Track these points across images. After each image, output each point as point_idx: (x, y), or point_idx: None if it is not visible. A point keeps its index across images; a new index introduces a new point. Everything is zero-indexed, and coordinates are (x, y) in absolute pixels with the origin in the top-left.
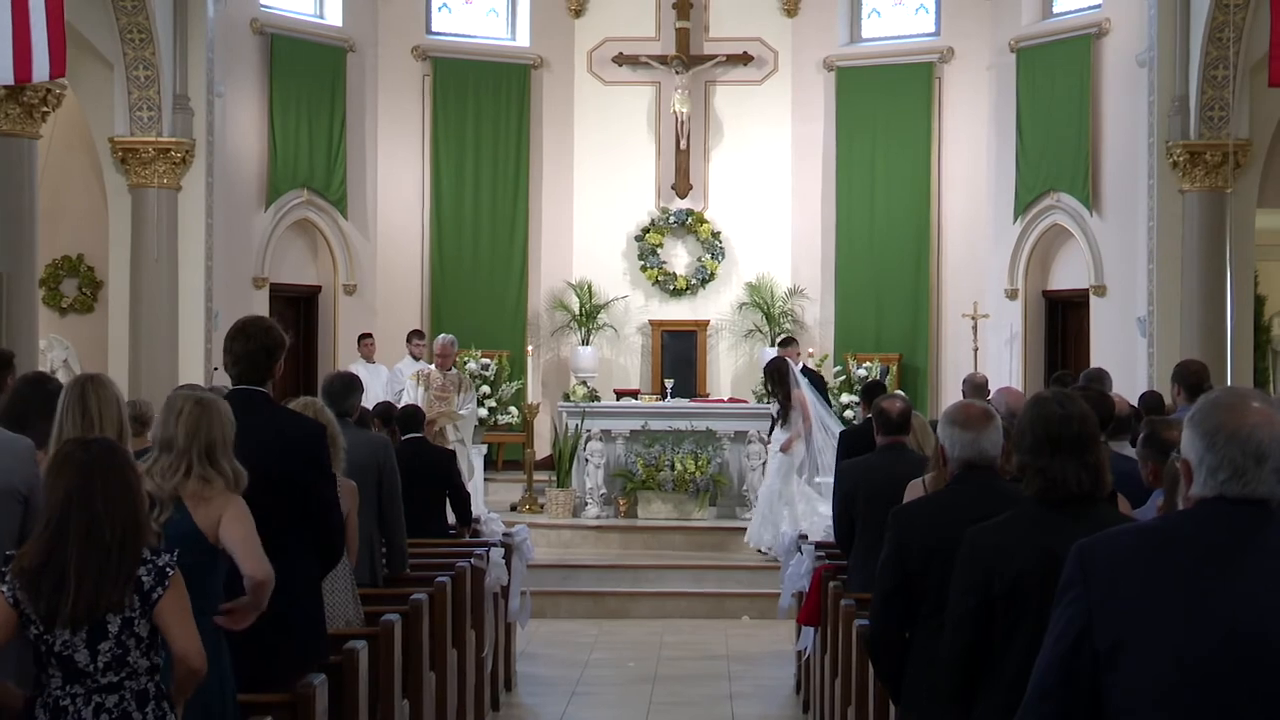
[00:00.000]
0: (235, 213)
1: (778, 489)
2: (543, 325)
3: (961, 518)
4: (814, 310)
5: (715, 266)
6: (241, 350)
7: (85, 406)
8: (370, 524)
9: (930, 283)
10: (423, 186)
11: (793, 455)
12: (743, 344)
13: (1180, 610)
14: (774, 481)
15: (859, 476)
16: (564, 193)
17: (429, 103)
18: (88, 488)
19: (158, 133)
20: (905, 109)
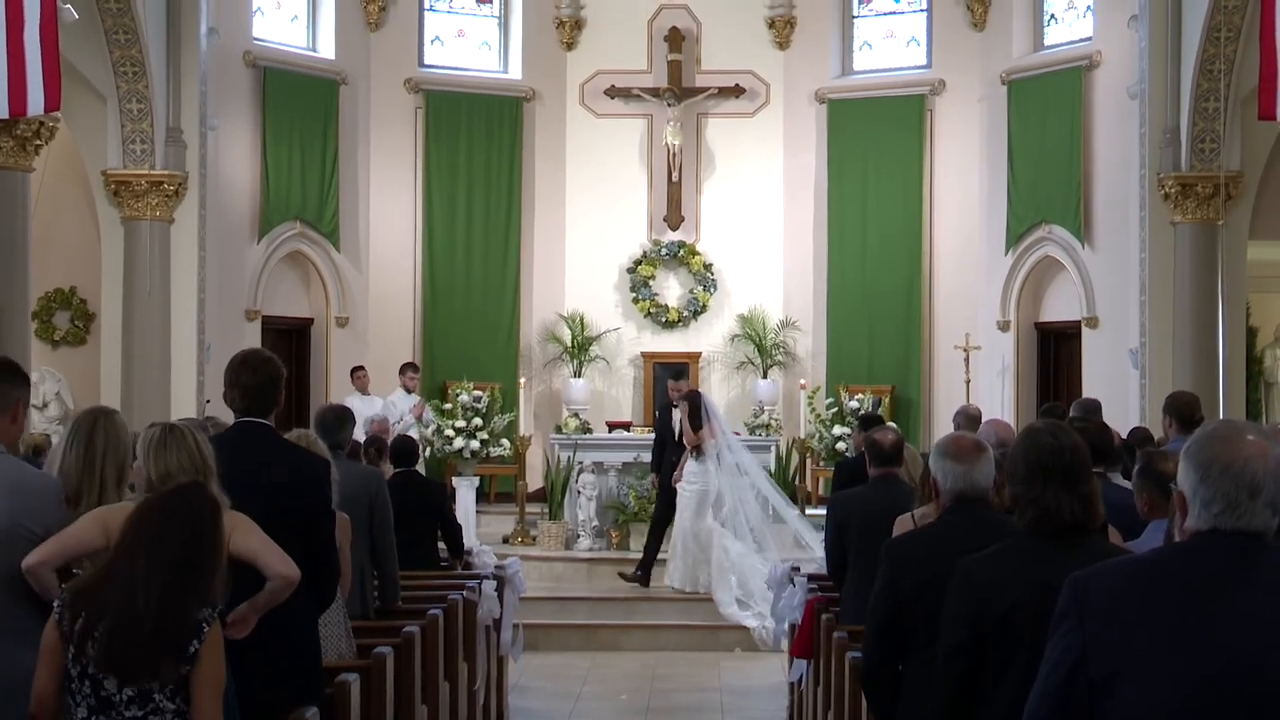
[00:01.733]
0: (227, 245)
1: (689, 527)
2: (535, 357)
3: (954, 549)
4: (806, 342)
5: (707, 298)
6: (251, 382)
7: (91, 441)
8: (362, 556)
9: (922, 314)
10: (415, 218)
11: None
12: (735, 376)
13: (1177, 642)
14: (685, 518)
15: (851, 508)
16: (556, 225)
17: (421, 135)
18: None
19: (150, 165)
20: (897, 141)
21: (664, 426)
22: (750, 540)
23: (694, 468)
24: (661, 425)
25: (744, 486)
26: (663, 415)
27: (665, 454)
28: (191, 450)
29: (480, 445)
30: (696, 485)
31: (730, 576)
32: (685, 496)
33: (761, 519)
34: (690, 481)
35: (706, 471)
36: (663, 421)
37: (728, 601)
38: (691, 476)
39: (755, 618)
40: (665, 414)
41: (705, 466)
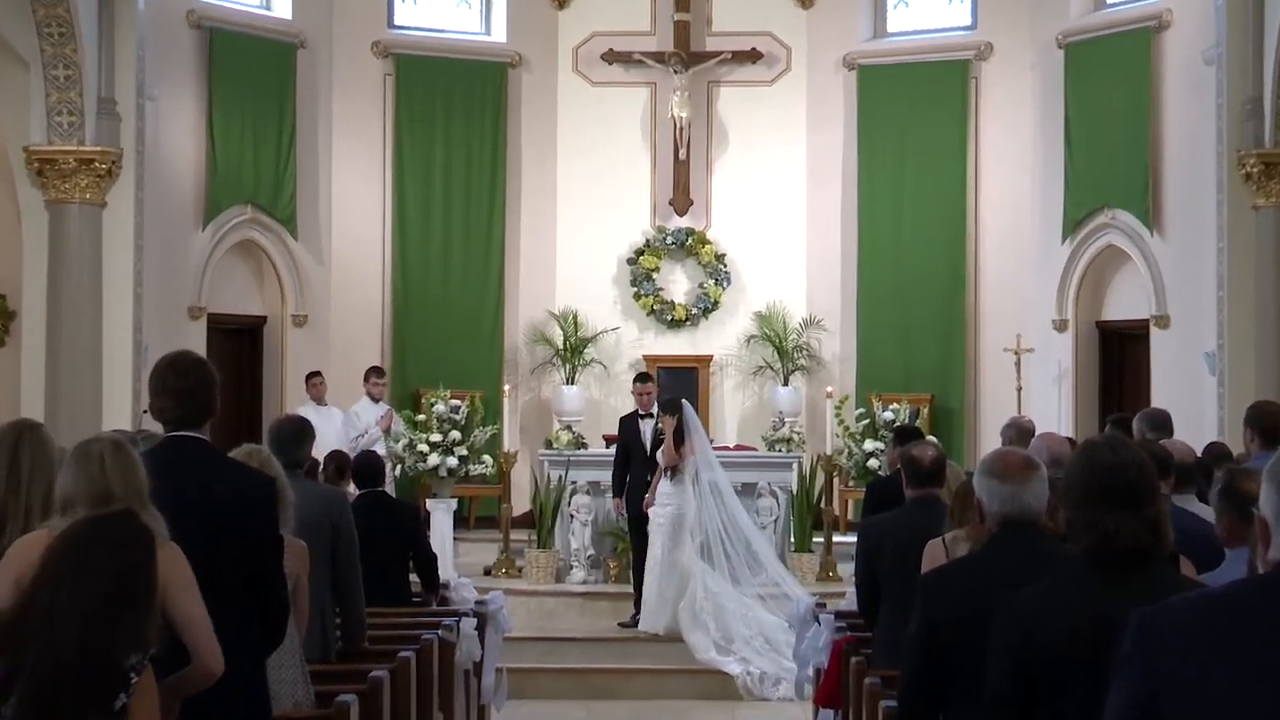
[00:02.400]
0: (169, 233)
1: (662, 557)
2: (521, 362)
3: (1000, 582)
4: (833, 344)
5: (719, 294)
6: (182, 387)
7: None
8: (323, 590)
9: (966, 313)
10: (384, 204)
11: (681, 507)
12: (751, 383)
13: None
14: (659, 549)
15: (885, 535)
16: (546, 210)
17: (391, 107)
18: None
19: (80, 141)
20: (937, 114)
21: (630, 439)
22: (726, 574)
23: (668, 489)
24: (627, 438)
25: (731, 510)
26: (626, 426)
27: (631, 473)
28: (93, 474)
29: (458, 462)
30: (671, 508)
31: (707, 618)
32: (659, 523)
33: (745, 549)
34: (664, 504)
35: (684, 493)
36: (627, 433)
37: (705, 646)
38: (665, 499)
39: (738, 663)
40: (630, 424)
41: (682, 487)
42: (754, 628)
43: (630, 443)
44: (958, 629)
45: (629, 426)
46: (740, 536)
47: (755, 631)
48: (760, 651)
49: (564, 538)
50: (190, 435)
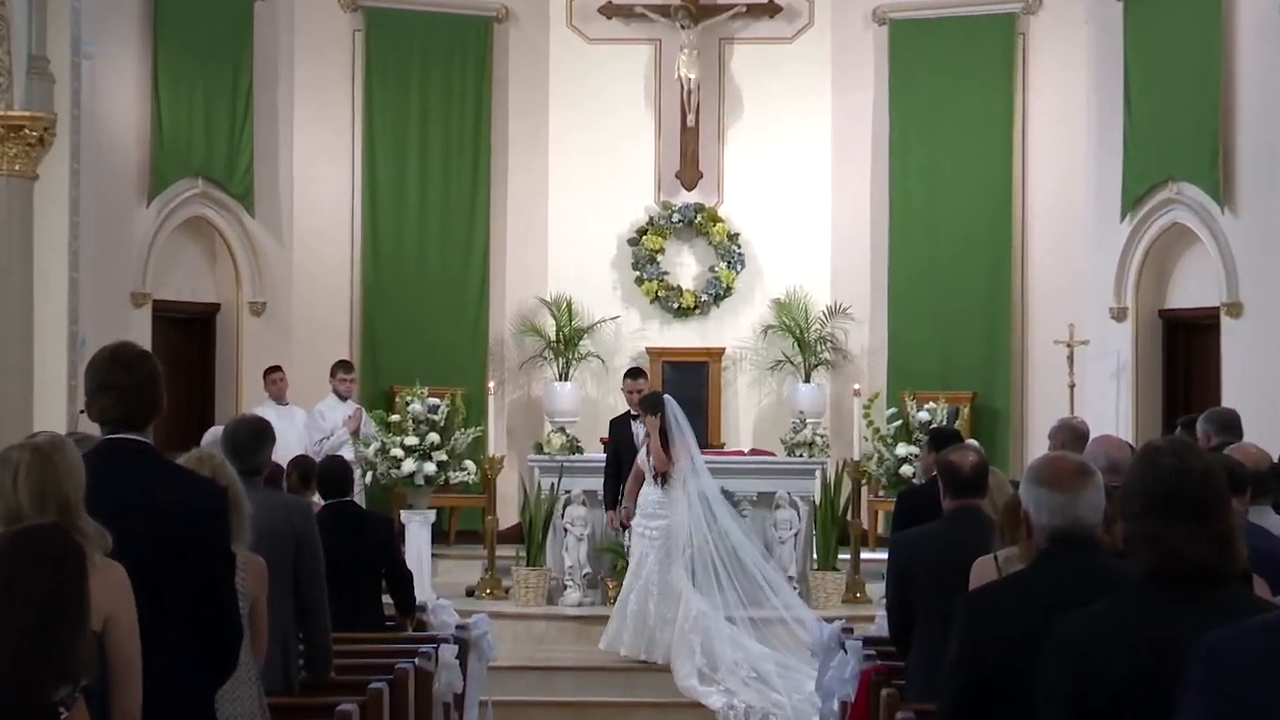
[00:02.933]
0: (108, 209)
1: (653, 577)
2: (508, 356)
3: (1051, 603)
4: (861, 336)
5: (732, 279)
6: (125, 383)
7: None
8: (283, 613)
9: (1012, 300)
10: (353, 177)
11: (674, 518)
12: (768, 379)
13: None
14: (648, 566)
15: (919, 551)
16: (537, 185)
17: (361, 68)
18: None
19: (7, 105)
20: (979, 75)
21: (621, 444)
22: (721, 595)
23: (657, 498)
24: (618, 442)
25: (723, 524)
26: (617, 429)
27: (624, 483)
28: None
29: (437, 469)
30: (664, 521)
31: (694, 641)
32: (649, 538)
33: (737, 567)
34: (654, 516)
35: (674, 502)
36: (618, 437)
37: (687, 673)
38: (654, 509)
39: (721, 694)
40: (621, 427)
41: (675, 496)
42: (741, 655)
43: (621, 447)
44: (1002, 656)
45: (620, 429)
46: (730, 554)
47: (742, 659)
48: (746, 683)
49: (557, 554)
50: (132, 438)
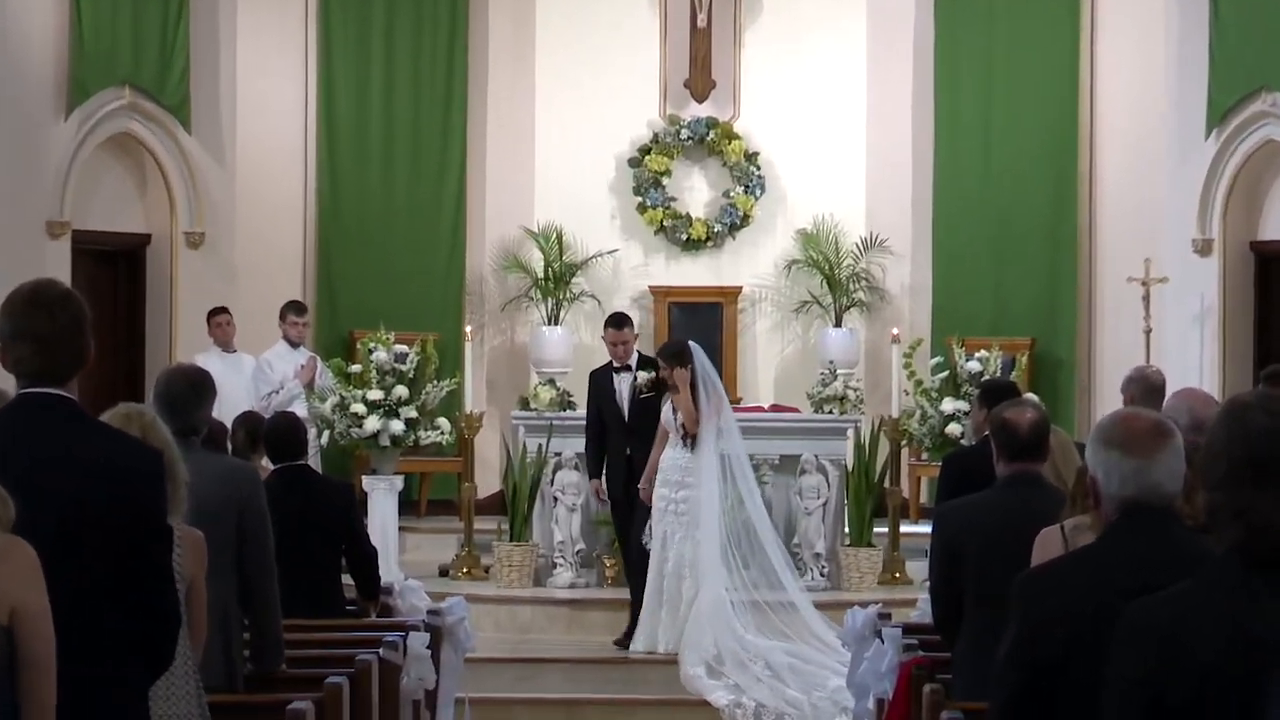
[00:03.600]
0: (19, 124)
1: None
2: (489, 296)
3: (1122, 584)
4: (901, 272)
5: (750, 206)
6: (45, 330)
7: None
8: (226, 596)
9: (1079, 231)
10: (306, 88)
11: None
12: (791, 323)
13: None
14: (675, 546)
15: (969, 524)
16: (521, 96)
17: None
18: None
19: None
20: None
21: (602, 401)
22: (729, 569)
23: (683, 463)
24: (598, 399)
25: (743, 490)
26: (597, 383)
27: (611, 447)
28: None
29: (405, 428)
30: (690, 491)
31: (709, 629)
32: (672, 511)
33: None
34: (682, 485)
35: (703, 468)
36: (599, 392)
37: (694, 661)
38: (679, 475)
39: (728, 690)
40: (602, 381)
41: (701, 461)
42: (752, 649)
43: (603, 405)
44: (1065, 645)
45: (600, 384)
46: (748, 528)
47: (754, 653)
48: (760, 678)
49: (545, 528)
50: (52, 393)
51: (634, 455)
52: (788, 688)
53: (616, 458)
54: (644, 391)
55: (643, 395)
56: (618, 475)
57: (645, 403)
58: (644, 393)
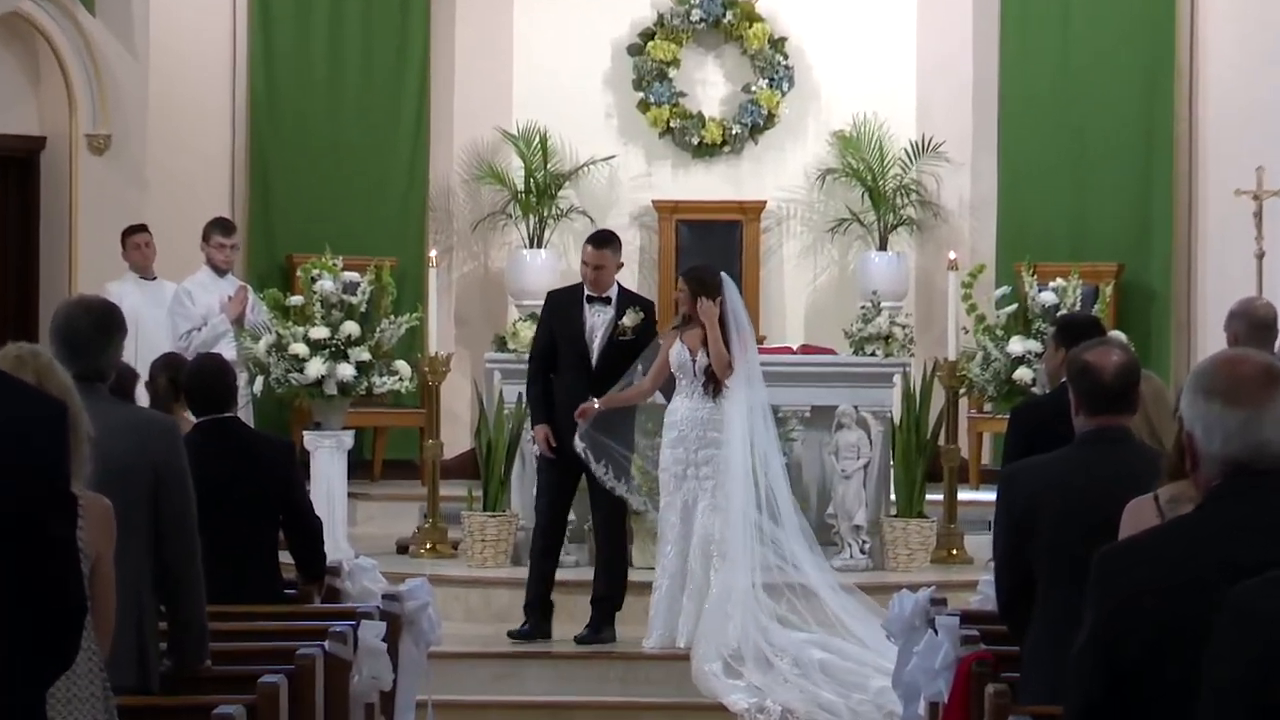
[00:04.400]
0: None
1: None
2: (458, 213)
3: (1224, 562)
4: (959, 184)
5: (776, 102)
6: None
7: None
8: (138, 578)
9: (1175, 136)
10: None
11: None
12: (826, 245)
13: None
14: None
15: (1040, 489)
16: None
17: None
18: None
19: None
20: None
21: (562, 330)
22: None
23: (704, 415)
24: (556, 326)
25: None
26: (559, 306)
27: (561, 385)
28: None
29: (356, 374)
30: (715, 450)
31: (727, 618)
32: (692, 476)
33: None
34: (699, 443)
35: (731, 421)
36: (559, 317)
37: (709, 655)
38: (699, 430)
39: (748, 692)
40: (567, 304)
41: (731, 412)
42: (779, 642)
43: (562, 335)
44: (1155, 636)
45: (564, 310)
46: (769, 496)
47: (781, 648)
48: (787, 678)
49: (526, 495)
50: None
51: (589, 390)
52: (820, 689)
53: (571, 400)
54: (625, 335)
55: (622, 339)
56: (573, 429)
57: (623, 347)
58: (625, 336)
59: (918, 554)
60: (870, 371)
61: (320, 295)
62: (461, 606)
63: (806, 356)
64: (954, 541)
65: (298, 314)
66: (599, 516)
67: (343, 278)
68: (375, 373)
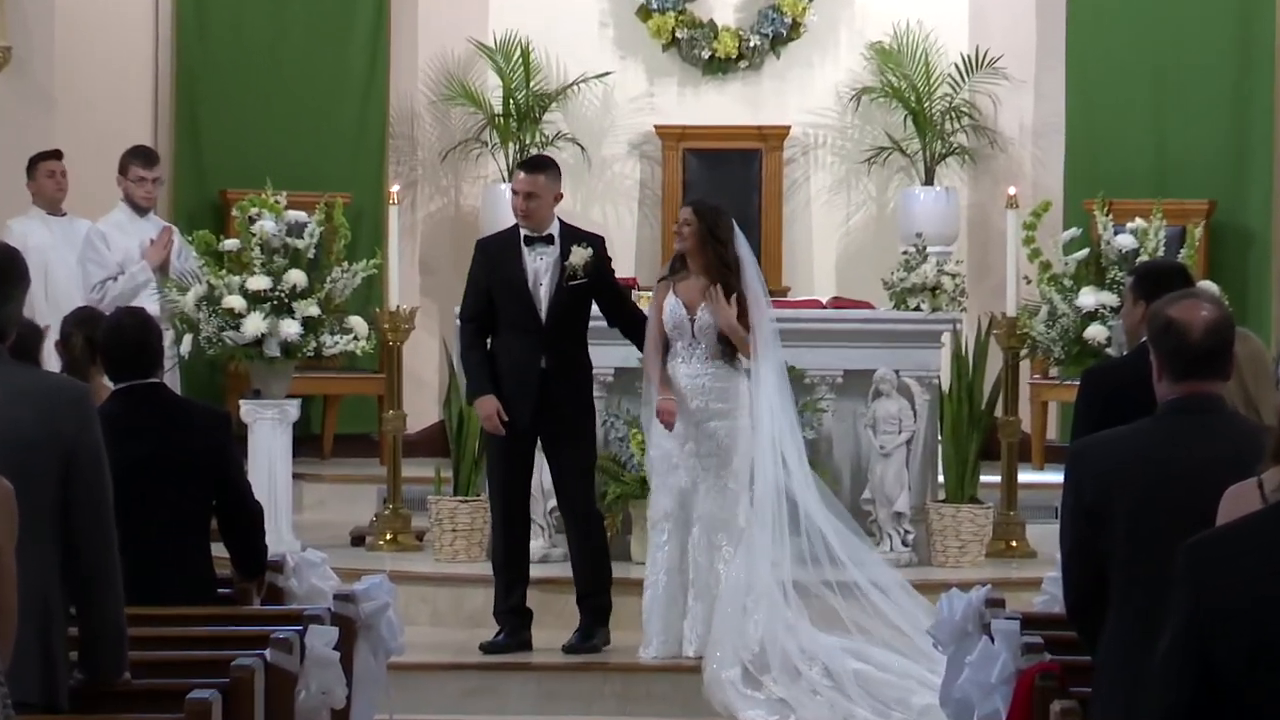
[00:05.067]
0: None
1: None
2: (423, 140)
3: None
4: (1020, 107)
5: (802, 9)
6: None
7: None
8: (44, 574)
9: (1276, 51)
10: None
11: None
12: (862, 179)
13: None
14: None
15: (1116, 470)
16: None
17: None
18: None
19: None
20: None
21: (497, 280)
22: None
23: (704, 379)
24: (497, 284)
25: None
26: (497, 260)
27: (510, 354)
28: None
29: (302, 331)
30: (723, 422)
31: (747, 619)
32: (693, 453)
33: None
34: (702, 415)
35: (738, 390)
36: (500, 274)
37: (727, 661)
38: (699, 397)
39: (767, 708)
40: (504, 256)
41: (759, 374)
42: (809, 649)
43: (501, 288)
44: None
45: (499, 259)
46: None
47: (810, 655)
48: (817, 690)
49: None
50: None
51: (551, 370)
52: (855, 704)
53: (523, 373)
54: (576, 277)
55: (573, 283)
56: (526, 398)
57: (575, 294)
58: (575, 279)
59: (970, 546)
60: (914, 329)
61: (260, 238)
62: (428, 609)
63: (838, 311)
64: (1013, 532)
65: (233, 260)
66: (564, 493)
67: (286, 217)
68: (325, 330)
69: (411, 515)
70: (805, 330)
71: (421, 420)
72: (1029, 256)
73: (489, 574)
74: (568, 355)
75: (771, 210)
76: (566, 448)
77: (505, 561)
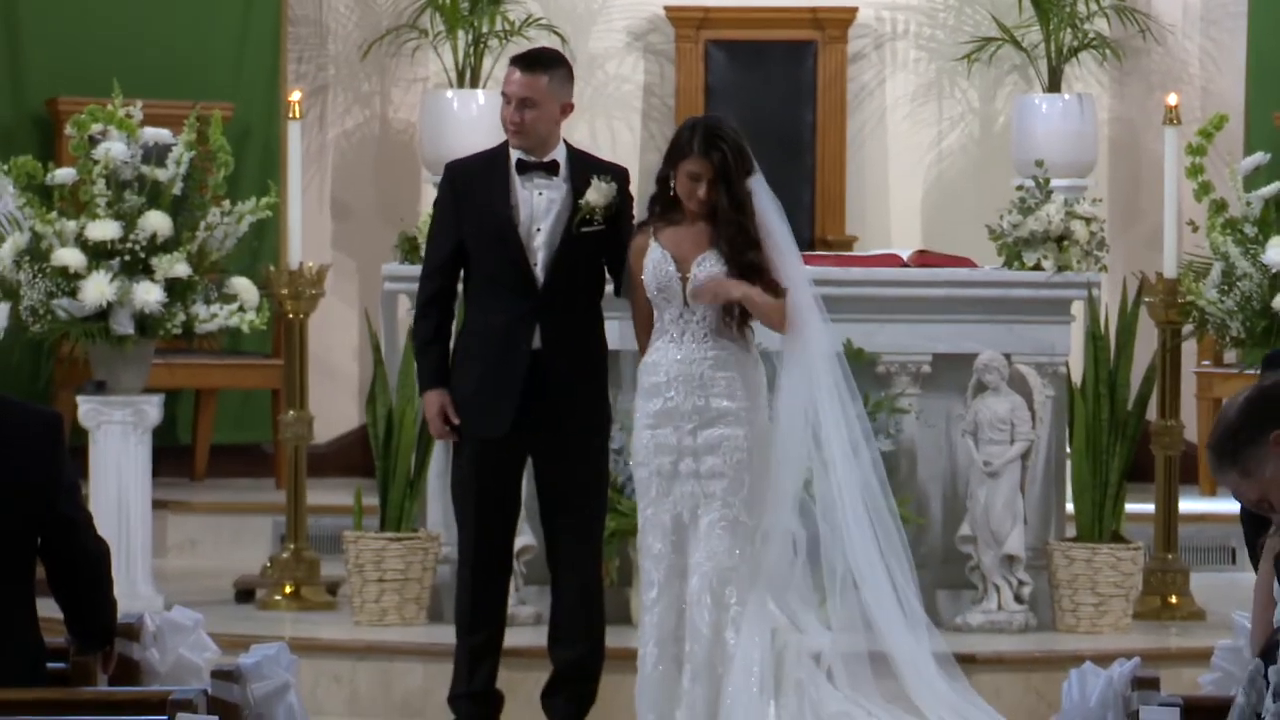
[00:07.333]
0: None
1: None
2: (336, 27)
3: None
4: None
5: None
6: None
7: None
8: None
9: None
10: None
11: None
12: (958, 83)
13: None
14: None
15: None
16: None
17: None
18: None
19: None
20: None
21: (484, 233)
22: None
23: (699, 367)
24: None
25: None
26: (475, 190)
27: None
28: None
29: (166, 299)
30: (727, 429)
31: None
32: (692, 475)
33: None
34: (694, 420)
35: (751, 382)
36: (477, 212)
37: None
38: (694, 388)
39: None
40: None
41: (754, 365)
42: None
43: (480, 231)
44: None
45: (479, 184)
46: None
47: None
48: None
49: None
50: None
51: (547, 352)
52: None
53: (506, 355)
54: (594, 221)
55: (586, 230)
56: (507, 391)
57: (586, 246)
58: (593, 223)
59: (1111, 603)
60: (1032, 296)
61: (105, 167)
62: (344, 691)
63: (925, 272)
64: (1172, 583)
65: (67, 199)
66: (556, 543)
67: (142, 137)
68: (198, 298)
69: (320, 560)
70: (877, 298)
71: (335, 426)
72: (1196, 194)
73: (432, 642)
74: (572, 332)
75: (831, 128)
76: (562, 470)
77: (472, 624)
